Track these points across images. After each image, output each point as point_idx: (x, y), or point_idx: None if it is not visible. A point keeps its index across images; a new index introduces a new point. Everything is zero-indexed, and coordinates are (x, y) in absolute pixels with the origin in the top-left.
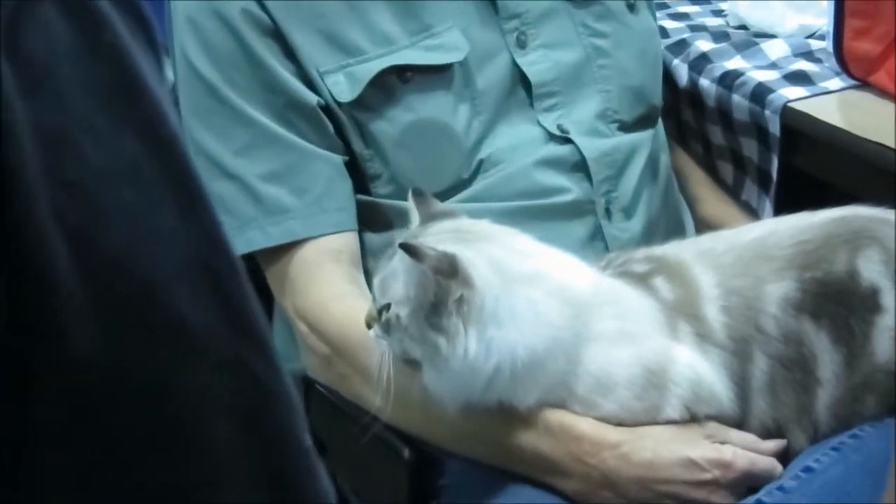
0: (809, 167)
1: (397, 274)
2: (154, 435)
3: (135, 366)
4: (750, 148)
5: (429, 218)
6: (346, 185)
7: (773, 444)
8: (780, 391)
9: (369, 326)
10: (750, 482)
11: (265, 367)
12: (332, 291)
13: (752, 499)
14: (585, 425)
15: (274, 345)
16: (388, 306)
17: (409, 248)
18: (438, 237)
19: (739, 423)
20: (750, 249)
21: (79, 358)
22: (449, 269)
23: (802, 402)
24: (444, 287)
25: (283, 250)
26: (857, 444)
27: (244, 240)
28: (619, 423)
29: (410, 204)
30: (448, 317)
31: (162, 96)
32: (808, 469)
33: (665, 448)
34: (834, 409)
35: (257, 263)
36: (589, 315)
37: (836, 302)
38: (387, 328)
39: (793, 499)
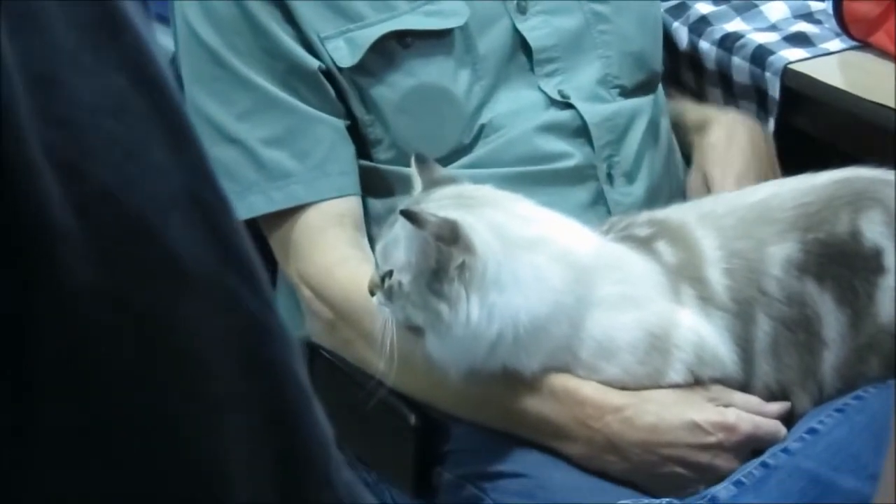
0: (810, 128)
1: (399, 241)
2: (154, 368)
3: (131, 297)
4: (748, 111)
5: (431, 184)
6: (348, 149)
7: (777, 406)
8: (783, 353)
9: (372, 293)
10: (754, 445)
11: (259, 304)
12: (336, 255)
13: (756, 461)
14: (589, 389)
15: (265, 280)
16: (390, 273)
17: (409, 215)
18: (440, 203)
19: (744, 386)
20: (752, 211)
21: (76, 290)
22: (450, 236)
23: (807, 364)
24: (445, 253)
25: (287, 215)
26: (860, 406)
27: (246, 205)
28: (623, 387)
29: (413, 170)
30: (450, 283)
31: (147, 37)
32: (812, 431)
33: (668, 411)
34: (839, 371)
35: (259, 230)
36: (592, 279)
37: (839, 263)
38: (389, 295)
39: (797, 460)
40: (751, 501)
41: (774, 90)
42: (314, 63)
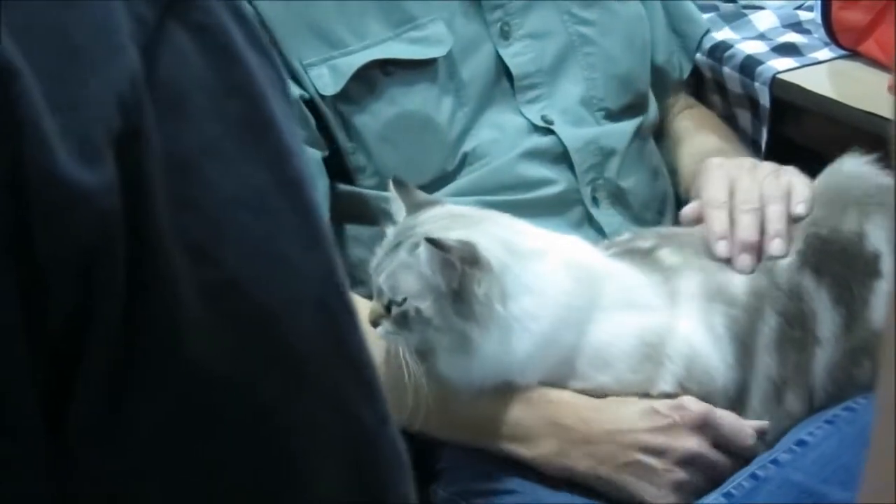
0: (801, 138)
1: (410, 267)
2: (257, 463)
3: (246, 387)
4: (744, 119)
5: (414, 207)
6: (322, 181)
7: (755, 424)
8: (784, 349)
9: (375, 324)
10: (715, 432)
11: (372, 416)
12: None
13: (745, 472)
14: (562, 394)
15: (381, 392)
16: (401, 300)
17: (434, 242)
18: (439, 224)
19: (736, 396)
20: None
21: (193, 368)
22: (471, 257)
23: (800, 362)
24: (468, 275)
25: None
26: (851, 417)
27: None
28: (609, 395)
29: (392, 194)
30: (477, 303)
31: (291, 135)
32: (801, 442)
33: (629, 402)
34: (832, 373)
35: None
36: (595, 286)
37: (839, 261)
38: (402, 323)
39: (787, 472)
40: None
41: (765, 100)
42: (296, 91)
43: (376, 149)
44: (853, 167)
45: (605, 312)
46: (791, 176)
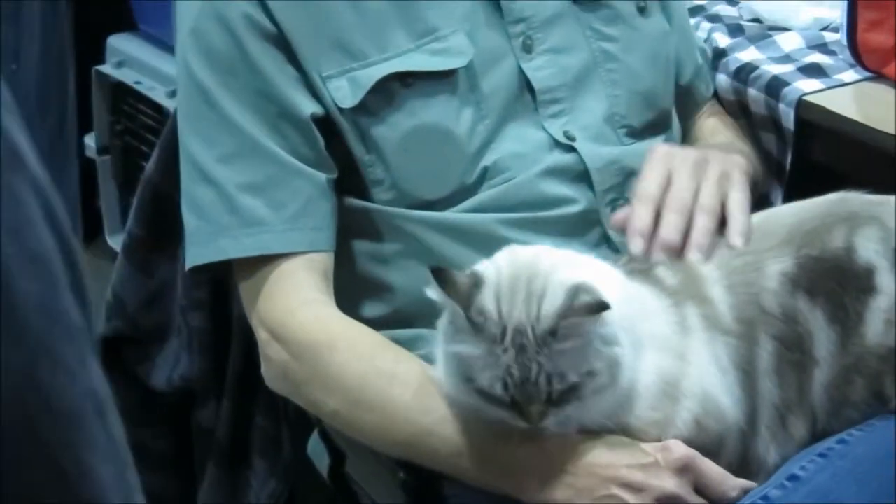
0: (825, 160)
1: (585, 344)
2: None
3: None
4: (768, 141)
5: (472, 286)
6: (326, 204)
7: (740, 482)
8: (784, 373)
9: (536, 420)
10: (696, 475)
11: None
12: (301, 298)
13: None
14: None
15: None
16: (577, 381)
17: (598, 306)
18: (518, 289)
19: (747, 431)
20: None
21: None
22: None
23: (801, 384)
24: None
25: (258, 261)
26: (843, 451)
27: (216, 247)
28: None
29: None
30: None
31: None
32: (793, 477)
33: (616, 439)
34: (829, 391)
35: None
36: (635, 319)
37: (831, 279)
38: (568, 398)
39: None
40: None
41: (789, 122)
42: (308, 110)
43: (394, 161)
44: (843, 195)
45: (633, 346)
46: (734, 191)
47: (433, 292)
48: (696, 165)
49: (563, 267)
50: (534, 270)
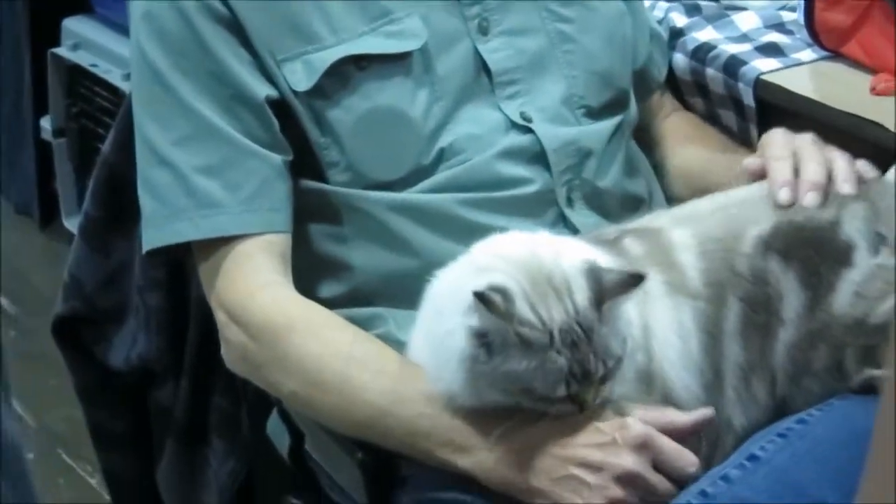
0: None
1: (618, 317)
2: None
3: None
4: (728, 119)
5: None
6: (282, 186)
7: (693, 417)
8: (749, 334)
9: (591, 407)
10: (655, 453)
11: None
12: (260, 280)
13: (695, 489)
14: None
15: None
16: (620, 355)
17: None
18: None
19: (713, 391)
20: (740, 203)
21: None
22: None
23: (764, 345)
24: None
25: (215, 243)
26: (803, 430)
27: (173, 230)
28: None
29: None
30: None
31: None
32: (753, 457)
33: (573, 418)
34: (791, 353)
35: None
36: None
37: (810, 247)
38: (611, 378)
39: (736, 489)
40: None
41: (749, 100)
42: (262, 93)
43: (350, 144)
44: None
45: None
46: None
47: (477, 318)
48: (814, 138)
49: (561, 253)
50: (541, 266)
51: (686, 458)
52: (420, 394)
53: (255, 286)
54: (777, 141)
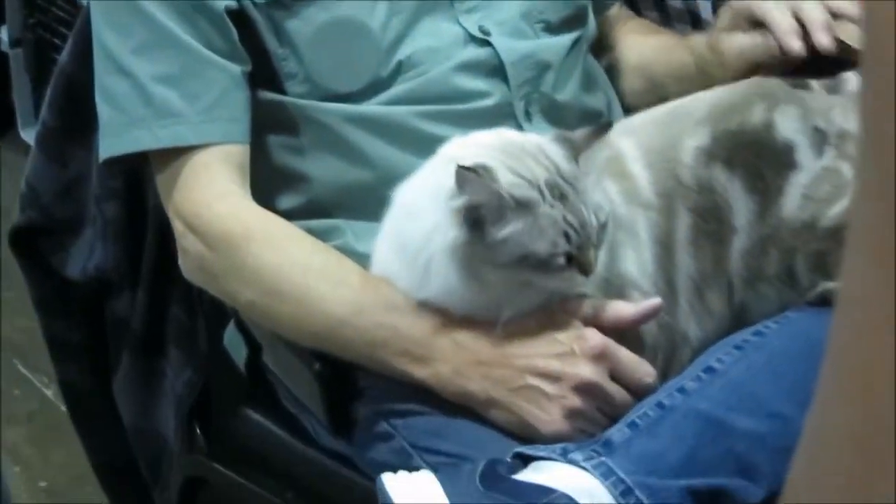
0: None
1: (597, 180)
2: None
3: None
4: (685, 34)
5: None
6: (241, 96)
7: (641, 305)
8: (700, 244)
9: (593, 268)
10: (612, 363)
11: None
12: (217, 190)
13: (651, 401)
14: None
15: None
16: (608, 212)
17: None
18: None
19: (667, 301)
20: (669, 114)
21: None
22: None
23: (718, 254)
24: None
25: (174, 152)
26: (759, 342)
27: (131, 138)
28: None
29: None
30: None
31: None
32: (709, 369)
33: (531, 329)
34: (745, 259)
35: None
36: None
37: (750, 151)
38: (603, 242)
39: (693, 401)
40: (645, 443)
41: (708, 14)
42: (221, 3)
43: (308, 55)
44: (759, 78)
45: None
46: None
47: (464, 194)
48: None
49: (528, 134)
50: (512, 141)
51: (643, 369)
52: (378, 304)
53: (213, 196)
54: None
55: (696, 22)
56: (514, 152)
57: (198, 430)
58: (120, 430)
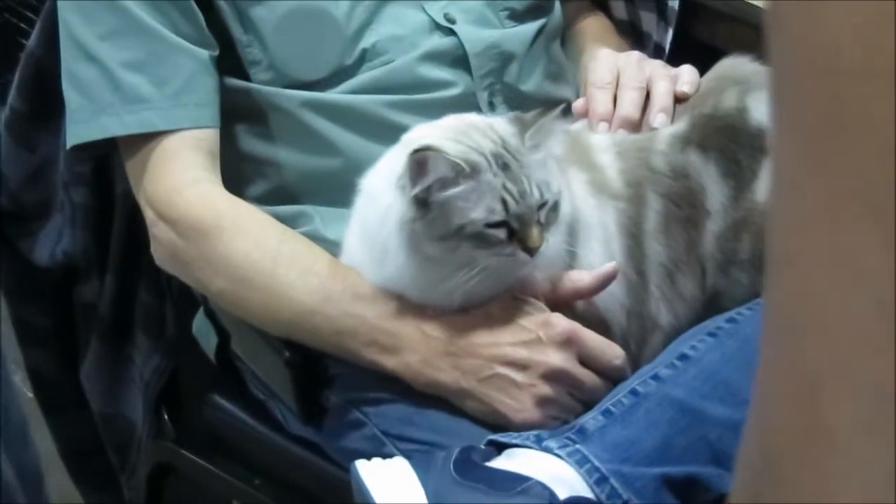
0: (710, 39)
1: (547, 159)
2: None
3: None
4: (649, 22)
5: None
6: (209, 81)
7: (596, 272)
8: (672, 231)
9: (536, 243)
10: (579, 347)
11: None
12: (188, 177)
13: (626, 387)
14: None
15: None
16: (558, 192)
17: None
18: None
19: (639, 288)
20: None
21: None
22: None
23: (691, 238)
24: None
25: (142, 139)
26: (733, 330)
27: (98, 125)
28: None
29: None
30: None
31: None
32: (683, 357)
33: (498, 317)
34: (720, 242)
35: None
36: None
37: (724, 135)
38: (551, 222)
39: (667, 388)
40: (619, 431)
41: (674, 0)
42: None
43: (272, 42)
44: (734, 60)
45: None
46: (680, 68)
47: (412, 177)
48: (639, 58)
49: (485, 117)
50: (466, 121)
51: (612, 351)
52: (348, 293)
53: (184, 183)
54: (600, 65)
55: (661, 9)
56: (462, 129)
57: (165, 417)
58: (88, 415)
